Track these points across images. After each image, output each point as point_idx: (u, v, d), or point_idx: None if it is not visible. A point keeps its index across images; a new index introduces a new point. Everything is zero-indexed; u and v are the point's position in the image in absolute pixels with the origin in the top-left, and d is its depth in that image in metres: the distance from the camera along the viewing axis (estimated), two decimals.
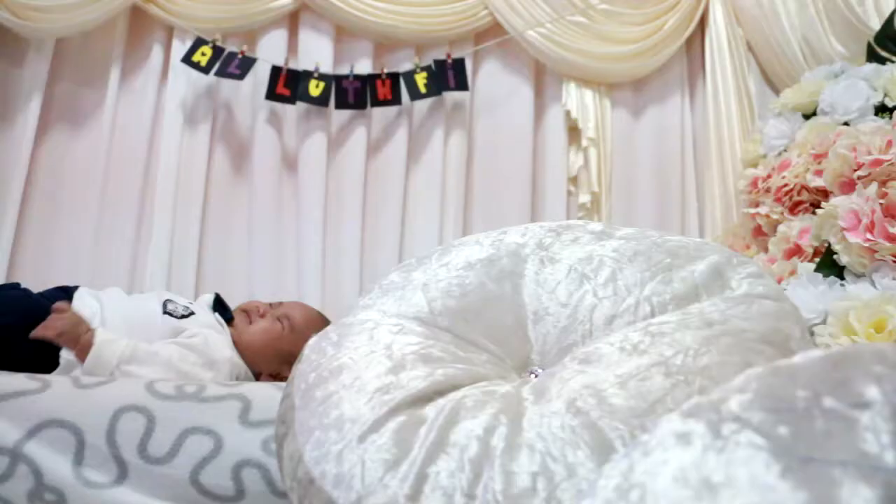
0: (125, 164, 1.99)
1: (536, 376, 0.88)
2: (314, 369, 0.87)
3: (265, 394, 1.04)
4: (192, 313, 1.35)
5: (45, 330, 1.19)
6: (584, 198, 2.03)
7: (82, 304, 1.34)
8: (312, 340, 0.93)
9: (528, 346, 0.92)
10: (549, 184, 2.05)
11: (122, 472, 0.98)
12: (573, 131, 2.08)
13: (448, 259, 1.00)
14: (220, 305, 1.42)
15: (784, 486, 0.49)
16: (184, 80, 2.02)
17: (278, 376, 1.36)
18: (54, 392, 1.03)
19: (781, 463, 0.50)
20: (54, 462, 0.98)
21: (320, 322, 1.45)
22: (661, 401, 0.73)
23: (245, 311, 1.42)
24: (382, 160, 2.03)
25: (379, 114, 2.05)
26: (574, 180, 2.06)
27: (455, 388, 0.82)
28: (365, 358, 0.86)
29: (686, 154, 2.06)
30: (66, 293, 1.39)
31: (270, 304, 1.46)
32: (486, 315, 0.93)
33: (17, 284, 1.41)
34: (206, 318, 1.36)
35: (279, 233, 1.98)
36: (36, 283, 1.91)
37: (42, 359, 1.27)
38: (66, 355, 1.26)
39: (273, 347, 1.36)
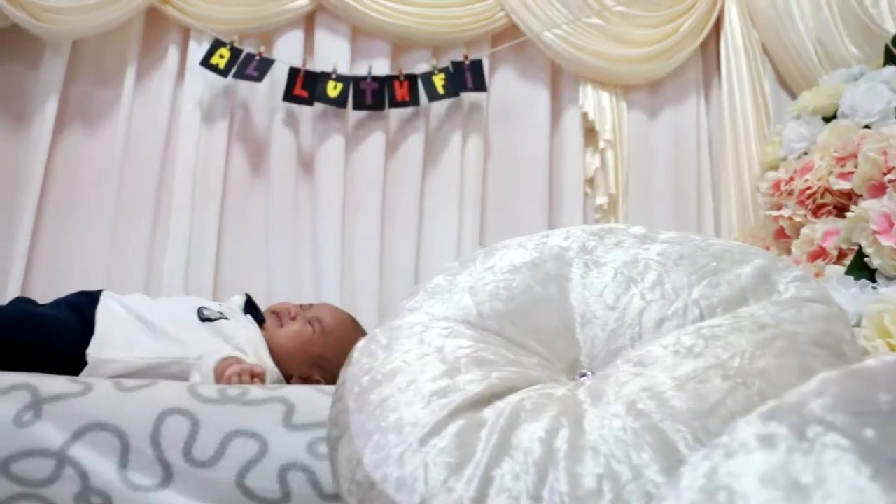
0: (141, 165, 1.99)
1: (586, 378, 0.90)
2: (366, 372, 0.88)
3: (307, 397, 1.04)
4: (226, 316, 1.35)
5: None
6: (601, 199, 2.04)
7: (108, 311, 1.34)
8: (361, 343, 0.93)
9: (576, 349, 0.93)
10: (565, 185, 2.06)
11: (168, 475, 0.98)
12: (589, 133, 2.09)
13: (493, 262, 1.01)
14: (250, 307, 1.43)
15: (875, 488, 0.50)
16: (201, 81, 2.02)
17: (309, 379, 1.36)
18: (96, 395, 1.03)
19: (871, 465, 0.51)
20: (100, 465, 0.98)
21: (350, 325, 1.46)
22: (721, 403, 0.74)
23: (276, 313, 1.43)
24: (399, 162, 2.04)
25: (396, 115, 2.06)
26: (590, 182, 2.07)
27: (511, 390, 0.83)
28: (418, 361, 0.86)
29: (702, 156, 2.08)
30: (90, 298, 1.39)
31: (301, 306, 1.46)
32: (533, 318, 0.94)
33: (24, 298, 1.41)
34: (242, 323, 1.36)
35: (296, 233, 1.98)
36: (52, 284, 1.94)
37: (70, 360, 1.27)
38: (93, 353, 1.27)
39: (304, 351, 1.37)
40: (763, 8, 2.03)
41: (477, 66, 2.01)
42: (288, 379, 1.38)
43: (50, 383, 1.04)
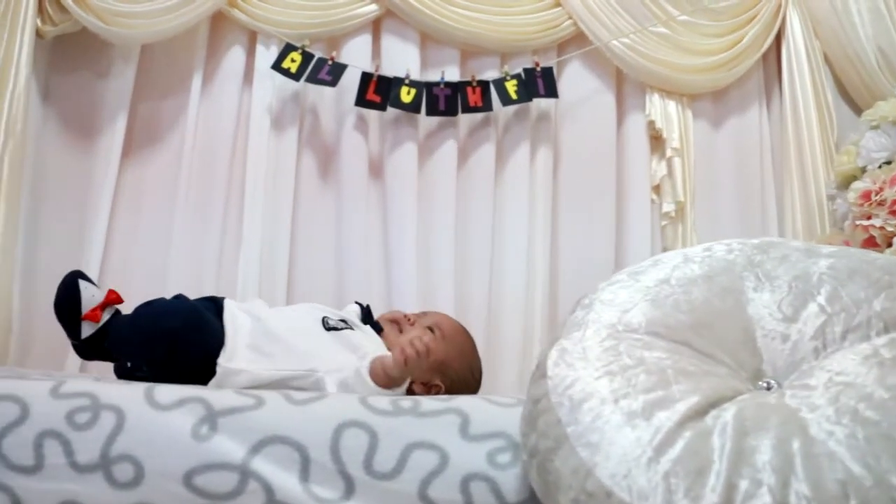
0: (210, 172, 2.01)
1: (771, 388, 0.95)
2: (570, 385, 0.92)
3: (480, 407, 1.08)
4: (351, 325, 1.38)
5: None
6: (668, 206, 2.10)
7: (233, 319, 1.36)
8: (553, 355, 0.97)
9: (757, 359, 0.98)
10: (631, 193, 2.12)
11: (350, 488, 1.01)
12: (654, 140, 2.15)
13: (663, 275, 1.05)
14: (367, 316, 1.46)
15: None
16: (269, 86, 2.04)
17: (429, 384, 1.39)
18: (270, 408, 1.05)
19: None
20: (282, 478, 1.01)
21: (465, 332, 1.49)
22: None
23: (394, 321, 1.45)
24: (471, 169, 2.08)
25: (465, 122, 2.09)
26: (657, 189, 2.13)
27: (722, 399, 0.88)
28: (624, 372, 0.91)
29: (765, 164, 2.15)
30: (215, 304, 1.41)
31: (415, 315, 1.49)
32: (717, 329, 0.99)
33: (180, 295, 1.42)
34: (365, 332, 1.39)
35: (367, 239, 2.01)
36: (124, 295, 1.94)
37: (199, 369, 1.29)
38: (223, 363, 1.28)
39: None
40: (825, 17, 2.11)
41: (548, 72, 2.05)
42: (410, 385, 1.40)
43: (220, 397, 1.07)
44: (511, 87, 2.03)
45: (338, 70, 1.99)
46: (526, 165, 2.09)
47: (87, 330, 1.29)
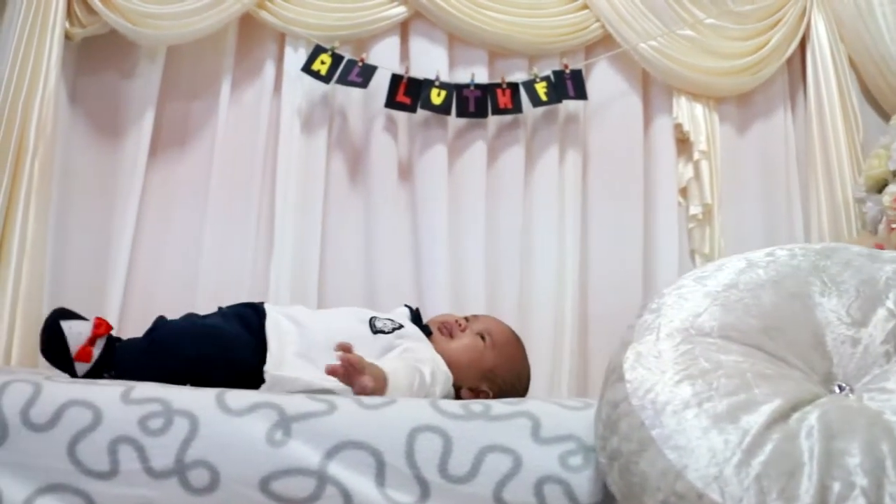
0: (239, 173, 2.02)
1: (843, 390, 0.98)
2: (650, 388, 0.94)
3: (550, 411, 1.10)
4: (400, 326, 1.40)
5: (342, 369, 1.20)
6: (695, 209, 2.13)
7: (276, 325, 1.37)
8: (629, 359, 1.00)
9: (828, 362, 1.01)
10: (658, 195, 2.15)
11: (425, 492, 1.03)
12: (679, 143, 2.18)
13: (729, 279, 1.08)
14: (416, 319, 1.48)
15: None
16: (298, 87, 2.05)
17: (477, 390, 1.42)
18: (343, 413, 1.07)
19: None
20: (359, 483, 1.03)
21: (515, 338, 1.51)
22: None
23: (445, 325, 1.47)
24: (500, 171, 2.10)
25: (494, 124, 2.12)
26: (683, 192, 2.16)
27: (803, 402, 0.91)
28: (704, 376, 0.94)
29: (790, 167, 2.19)
30: (254, 310, 1.43)
31: (466, 318, 1.51)
32: (787, 333, 1.02)
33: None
34: (414, 332, 1.41)
35: (397, 241, 2.03)
36: (152, 295, 1.96)
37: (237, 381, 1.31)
38: (272, 371, 1.30)
39: (477, 364, 1.42)
40: (850, 21, 2.15)
41: (577, 74, 2.08)
42: (457, 390, 1.43)
43: (292, 402, 1.08)
44: (541, 88, 2.05)
45: (368, 72, 2.01)
46: (555, 167, 2.11)
47: (81, 369, 1.29)
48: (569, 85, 2.07)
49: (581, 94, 2.08)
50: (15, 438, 1.05)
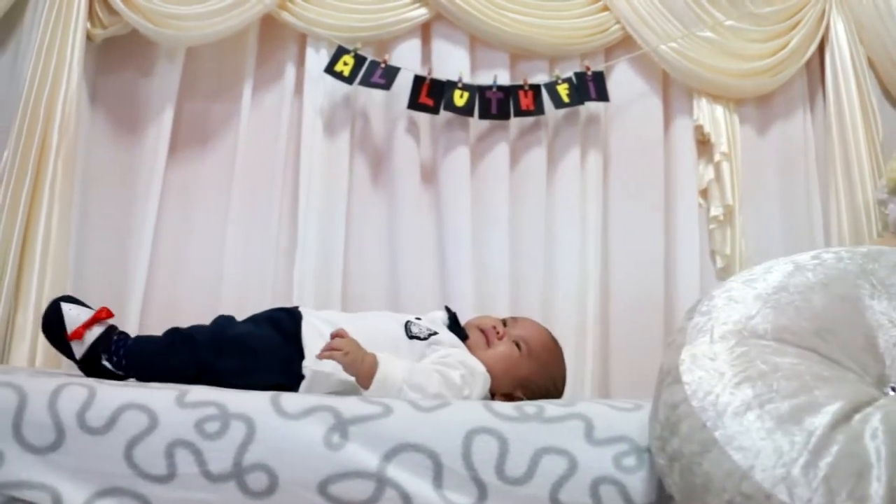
0: (261, 174, 2.04)
1: None
2: (710, 390, 0.97)
3: (602, 412, 1.13)
4: (435, 332, 1.42)
5: (332, 351, 1.25)
6: (716, 210, 2.16)
7: (313, 331, 1.39)
8: (685, 361, 1.02)
9: (880, 364, 1.04)
10: (679, 196, 2.18)
11: (482, 494, 1.06)
12: (699, 144, 2.21)
13: (779, 282, 1.11)
14: (453, 322, 1.50)
15: None
16: (320, 89, 2.07)
17: (511, 396, 1.44)
18: (399, 416, 1.09)
19: None
20: (417, 486, 1.05)
21: (552, 344, 1.53)
22: None
23: (482, 330, 1.49)
24: (522, 173, 2.13)
25: (516, 126, 2.14)
26: (703, 193, 2.19)
27: (863, 404, 0.93)
28: (763, 378, 0.96)
29: (810, 169, 2.22)
30: (289, 315, 1.44)
31: (504, 321, 1.53)
32: (840, 335, 1.05)
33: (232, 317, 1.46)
34: (450, 339, 1.43)
35: (420, 243, 2.05)
36: (174, 297, 1.97)
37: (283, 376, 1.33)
38: (311, 365, 1.33)
39: (512, 373, 1.44)
40: (869, 23, 2.19)
41: (599, 76, 2.11)
42: (491, 396, 1.45)
43: (348, 405, 1.10)
44: (563, 90, 2.08)
45: (391, 73, 2.03)
46: (577, 169, 2.14)
47: (77, 349, 1.34)
48: (591, 87, 2.10)
49: (603, 95, 2.11)
50: (72, 442, 1.06)
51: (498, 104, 2.07)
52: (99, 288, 1.95)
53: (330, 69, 2.03)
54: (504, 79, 2.13)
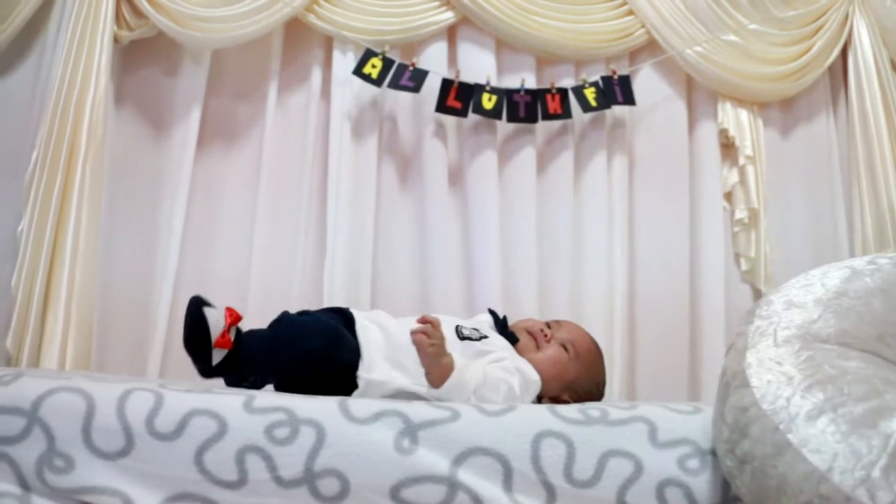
0: (287, 179, 2.06)
1: None
2: (780, 394, 1.00)
3: (663, 414, 1.16)
4: (485, 336, 1.45)
5: (422, 336, 1.26)
6: (741, 214, 2.21)
7: (366, 331, 1.42)
8: (752, 364, 1.06)
9: None
10: (703, 199, 2.22)
11: (551, 497, 1.09)
12: (724, 148, 2.26)
13: (838, 287, 1.14)
14: (501, 325, 1.53)
15: None
16: (347, 92, 2.10)
17: (558, 399, 1.47)
18: (466, 420, 1.12)
19: None
20: (488, 489, 1.08)
21: (596, 348, 1.57)
22: None
23: (531, 333, 1.52)
24: (550, 176, 2.16)
25: (543, 130, 2.18)
26: (728, 196, 2.24)
27: None
28: (833, 382, 1.00)
29: (834, 173, 2.27)
30: (342, 316, 1.46)
31: (548, 324, 1.57)
32: None
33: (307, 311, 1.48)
34: (501, 343, 1.46)
35: (449, 246, 2.08)
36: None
37: (336, 382, 1.35)
38: (364, 375, 1.35)
39: (561, 376, 1.47)
40: (893, 26, 2.24)
41: (625, 80, 2.15)
42: (539, 399, 1.48)
43: (416, 410, 1.13)
44: (590, 94, 2.12)
45: (420, 76, 2.06)
46: (603, 172, 2.18)
47: (218, 356, 1.33)
48: (617, 90, 2.14)
49: (629, 99, 2.15)
50: (141, 447, 1.08)
51: (526, 107, 2.11)
52: (127, 288, 1.97)
53: (358, 71, 2.05)
54: (530, 82, 2.16)
